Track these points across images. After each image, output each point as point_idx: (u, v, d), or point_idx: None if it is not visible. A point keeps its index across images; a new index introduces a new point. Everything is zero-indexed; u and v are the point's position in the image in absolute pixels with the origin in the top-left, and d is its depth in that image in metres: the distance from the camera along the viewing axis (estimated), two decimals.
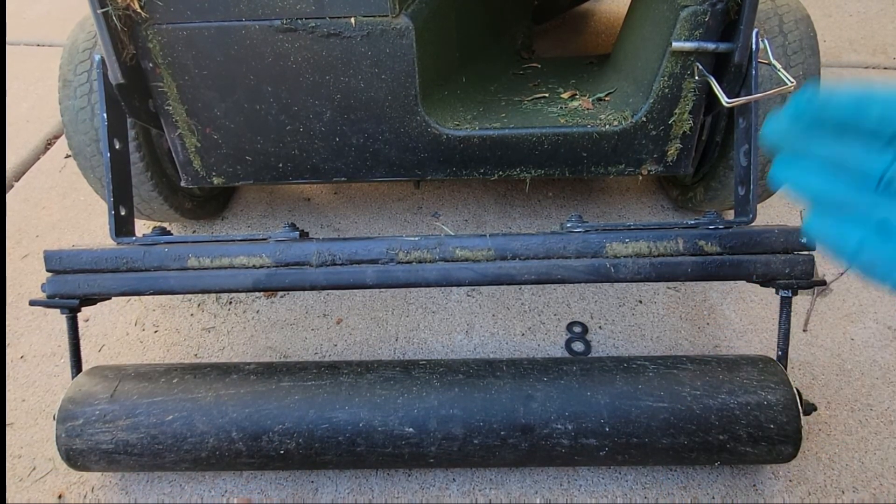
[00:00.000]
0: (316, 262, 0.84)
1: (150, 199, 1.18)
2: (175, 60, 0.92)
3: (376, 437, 0.80)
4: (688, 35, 0.88)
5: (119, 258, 0.86)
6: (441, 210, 1.42)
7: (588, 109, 1.05)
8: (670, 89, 0.94)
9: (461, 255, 0.83)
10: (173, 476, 0.94)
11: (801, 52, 1.03)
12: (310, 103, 0.97)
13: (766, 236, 0.82)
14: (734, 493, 0.90)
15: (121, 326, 1.19)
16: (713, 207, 1.24)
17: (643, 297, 1.19)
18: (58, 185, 1.56)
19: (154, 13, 0.88)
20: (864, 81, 0.34)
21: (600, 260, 0.83)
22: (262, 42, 0.91)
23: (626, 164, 1.03)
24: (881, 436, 0.96)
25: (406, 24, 0.89)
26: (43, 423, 1.03)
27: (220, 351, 1.14)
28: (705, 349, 1.10)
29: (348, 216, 1.42)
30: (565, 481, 0.92)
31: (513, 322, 1.16)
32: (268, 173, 1.07)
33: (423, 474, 0.93)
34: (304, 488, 0.92)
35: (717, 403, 0.80)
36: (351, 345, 1.14)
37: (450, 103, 1.09)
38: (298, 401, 0.82)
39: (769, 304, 1.17)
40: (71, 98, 1.08)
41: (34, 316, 1.22)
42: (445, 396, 0.82)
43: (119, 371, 0.89)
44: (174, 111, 0.98)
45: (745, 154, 0.87)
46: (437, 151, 1.02)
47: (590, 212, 1.40)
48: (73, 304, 0.87)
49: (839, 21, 2.09)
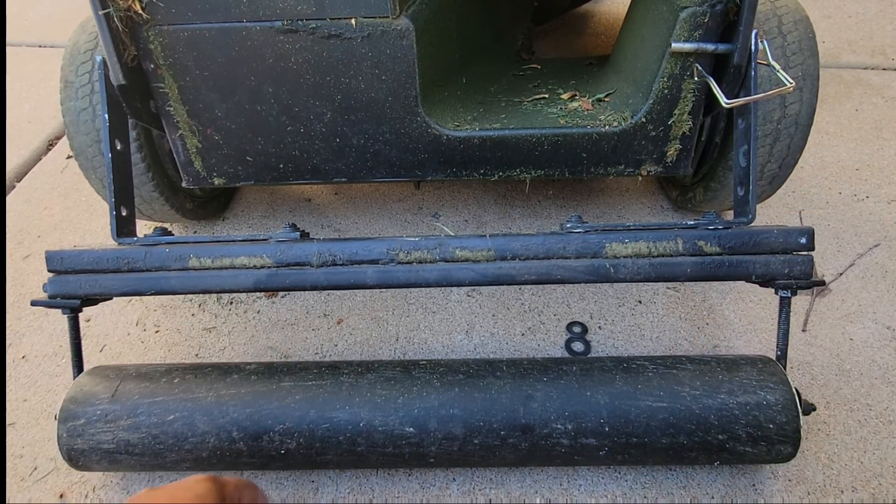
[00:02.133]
0: (316, 263, 0.85)
1: (151, 199, 1.18)
2: (176, 61, 0.93)
3: (377, 437, 0.81)
4: (687, 36, 0.89)
5: (120, 258, 0.86)
6: (441, 211, 1.42)
7: (588, 110, 1.05)
8: (670, 90, 0.94)
9: (461, 255, 0.84)
10: (174, 476, 0.95)
11: (800, 53, 1.03)
12: (310, 104, 0.98)
13: (765, 236, 0.82)
14: (734, 493, 0.90)
15: (122, 326, 1.19)
16: (713, 208, 1.24)
17: (643, 297, 1.20)
18: (59, 185, 1.56)
19: (155, 14, 0.88)
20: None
21: (600, 260, 0.83)
22: (263, 43, 0.91)
23: (626, 165, 1.03)
24: (880, 435, 0.96)
25: (406, 25, 0.89)
26: (44, 422, 1.04)
27: (220, 351, 1.14)
28: (705, 349, 1.10)
29: (349, 217, 1.42)
30: (565, 481, 0.92)
31: (513, 322, 1.16)
32: (268, 174, 1.07)
33: (424, 474, 0.94)
34: (305, 488, 0.93)
35: (716, 403, 0.80)
36: (351, 345, 1.14)
37: (450, 104, 1.09)
38: (299, 401, 0.82)
39: (768, 304, 1.17)
40: (73, 99, 1.09)
41: (36, 316, 1.22)
42: (446, 396, 0.82)
43: (120, 371, 0.89)
44: (175, 112, 0.99)
45: (745, 154, 0.87)
46: (438, 152, 1.03)
47: (590, 212, 1.40)
48: (74, 304, 0.87)
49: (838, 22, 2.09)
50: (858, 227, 1.33)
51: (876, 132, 1.60)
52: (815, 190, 1.43)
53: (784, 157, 1.08)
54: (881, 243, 1.28)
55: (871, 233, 1.31)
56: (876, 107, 1.69)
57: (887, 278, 1.21)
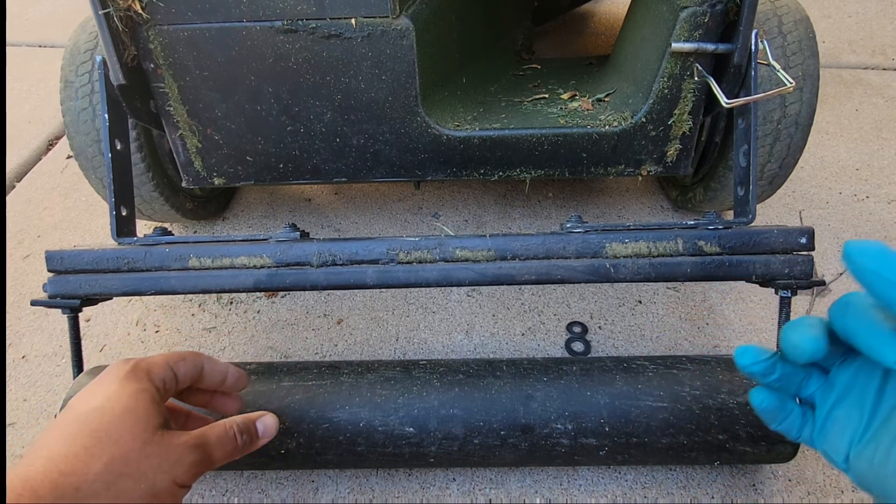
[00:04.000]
0: (317, 263, 0.85)
1: (151, 199, 1.18)
2: (176, 61, 0.93)
3: (377, 437, 0.81)
4: (687, 36, 0.89)
5: (120, 258, 0.86)
6: (441, 211, 1.42)
7: (588, 110, 1.05)
8: (670, 90, 0.94)
9: (461, 255, 0.84)
10: None
11: (800, 52, 1.03)
12: (310, 104, 0.98)
13: (765, 236, 0.82)
14: (734, 493, 0.90)
15: (122, 326, 1.19)
16: (713, 208, 1.24)
17: (643, 297, 1.19)
18: (59, 185, 1.56)
19: (155, 14, 0.88)
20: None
21: (600, 260, 0.83)
22: (262, 43, 0.91)
23: (626, 165, 1.03)
24: None
25: (406, 25, 0.89)
26: (44, 422, 1.04)
27: (220, 351, 1.14)
28: (705, 349, 1.10)
29: (349, 217, 1.42)
30: (565, 481, 0.92)
31: (513, 322, 1.16)
32: (268, 174, 1.07)
33: (424, 474, 0.93)
34: (305, 488, 0.93)
35: (716, 403, 0.80)
36: (351, 345, 1.14)
37: (450, 104, 1.09)
38: (299, 400, 0.82)
39: (768, 304, 1.17)
40: (72, 99, 1.09)
41: (35, 316, 1.22)
42: (445, 396, 0.82)
43: None
44: (175, 112, 0.99)
45: (745, 154, 0.87)
46: (438, 152, 1.03)
47: (589, 212, 1.40)
48: (74, 304, 0.87)
49: (838, 22, 2.09)
50: (858, 227, 1.33)
51: (876, 132, 1.60)
52: (815, 190, 1.43)
53: (784, 157, 1.08)
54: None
55: (871, 233, 1.31)
56: (876, 107, 1.69)
57: None
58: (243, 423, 0.64)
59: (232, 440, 0.61)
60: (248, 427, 0.65)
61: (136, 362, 0.59)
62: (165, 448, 0.53)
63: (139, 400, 0.54)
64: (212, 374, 0.66)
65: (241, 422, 0.64)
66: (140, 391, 0.55)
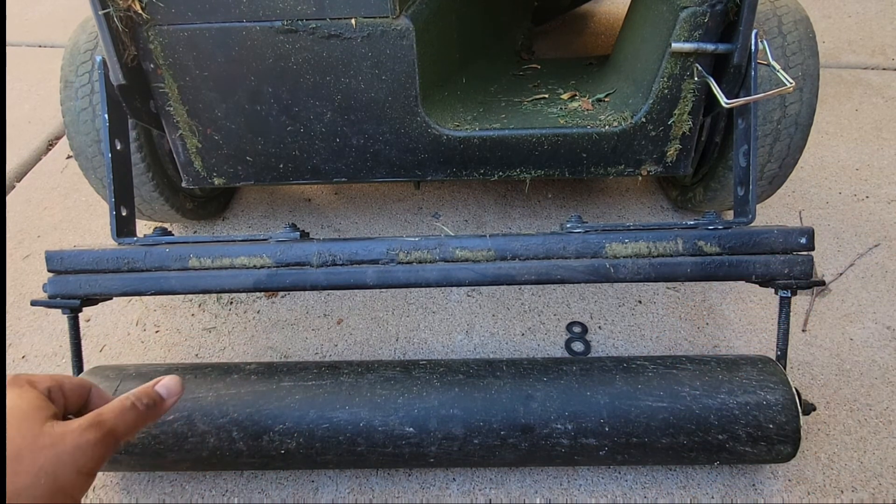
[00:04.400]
0: (316, 263, 0.85)
1: (151, 199, 1.18)
2: (176, 61, 0.93)
3: (377, 437, 0.81)
4: (687, 36, 0.89)
5: (120, 258, 0.86)
6: (441, 211, 1.42)
7: (588, 110, 1.05)
8: (670, 90, 0.94)
9: (461, 255, 0.84)
10: (174, 476, 0.95)
11: (800, 52, 1.03)
12: (310, 104, 0.98)
13: (765, 236, 0.82)
14: (733, 493, 0.90)
15: (122, 326, 1.19)
16: (713, 208, 1.24)
17: (643, 297, 1.20)
18: (59, 185, 1.56)
19: (155, 14, 0.88)
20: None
21: (600, 260, 0.83)
22: (262, 43, 0.91)
23: (626, 165, 1.03)
24: (880, 435, 0.96)
25: (406, 25, 0.89)
26: None
27: (220, 351, 1.14)
28: (705, 349, 1.10)
29: (349, 217, 1.42)
30: (565, 481, 0.92)
31: (513, 322, 1.16)
32: (268, 174, 1.07)
33: (424, 474, 0.94)
34: (305, 488, 0.93)
35: (716, 403, 0.80)
36: (351, 345, 1.14)
37: (450, 104, 1.09)
38: (299, 400, 0.82)
39: (768, 304, 1.17)
40: (72, 99, 1.09)
41: (35, 316, 1.22)
42: (445, 396, 0.82)
43: (120, 371, 0.89)
44: (175, 112, 0.99)
45: (745, 155, 0.87)
46: (438, 152, 1.03)
47: (589, 212, 1.40)
48: (74, 304, 0.87)
49: (838, 22, 2.09)
50: (858, 227, 1.33)
51: (876, 132, 1.60)
52: (815, 190, 1.43)
53: (784, 157, 1.08)
54: (881, 243, 1.28)
55: (871, 233, 1.31)
56: (876, 107, 1.69)
57: (887, 278, 1.21)
58: (140, 391, 0.61)
59: (131, 409, 0.58)
60: (147, 393, 0.61)
61: (15, 375, 0.57)
62: (59, 438, 0.51)
63: (22, 399, 0.53)
64: (99, 401, 0.63)
65: (137, 391, 0.61)
66: (22, 393, 0.54)
